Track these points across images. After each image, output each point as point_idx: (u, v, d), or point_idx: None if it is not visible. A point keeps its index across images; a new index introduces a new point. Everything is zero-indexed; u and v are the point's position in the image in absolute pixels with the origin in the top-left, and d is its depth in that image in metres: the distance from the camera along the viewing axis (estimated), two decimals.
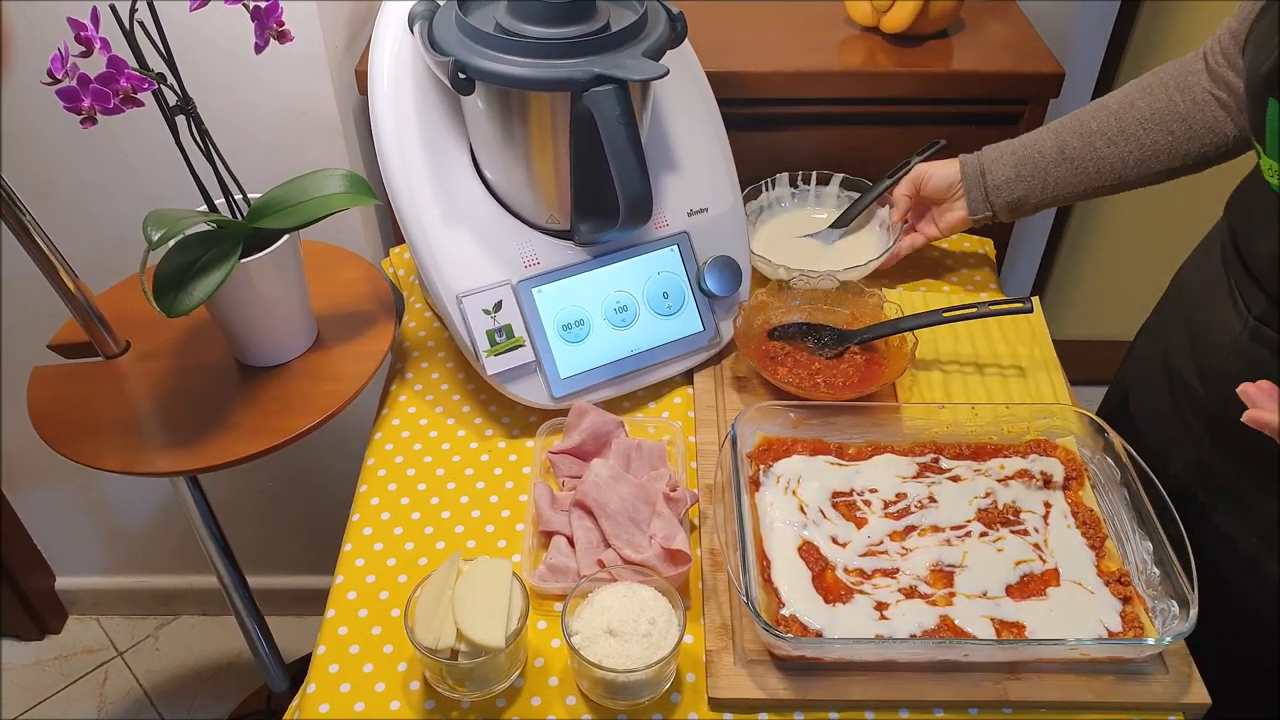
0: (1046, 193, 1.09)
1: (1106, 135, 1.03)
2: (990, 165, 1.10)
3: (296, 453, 1.03)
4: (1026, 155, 1.08)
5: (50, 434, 0.98)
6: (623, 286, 1.05)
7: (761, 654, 0.84)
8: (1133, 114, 1.02)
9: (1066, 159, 1.06)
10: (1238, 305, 0.91)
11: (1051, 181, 1.07)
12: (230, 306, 0.99)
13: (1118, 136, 1.03)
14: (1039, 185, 1.08)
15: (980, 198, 1.12)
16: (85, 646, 1.93)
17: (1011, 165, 1.09)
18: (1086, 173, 1.06)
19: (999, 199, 1.11)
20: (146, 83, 0.81)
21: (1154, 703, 0.81)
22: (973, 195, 1.12)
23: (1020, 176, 1.08)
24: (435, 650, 0.79)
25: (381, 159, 1.00)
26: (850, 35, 1.33)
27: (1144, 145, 1.02)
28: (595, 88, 0.88)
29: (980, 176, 1.11)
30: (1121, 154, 1.03)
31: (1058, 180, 1.07)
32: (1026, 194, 1.09)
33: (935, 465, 0.96)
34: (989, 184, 1.10)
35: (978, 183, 1.11)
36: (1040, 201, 1.10)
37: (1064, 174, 1.06)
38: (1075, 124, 1.06)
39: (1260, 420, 0.72)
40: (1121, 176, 1.05)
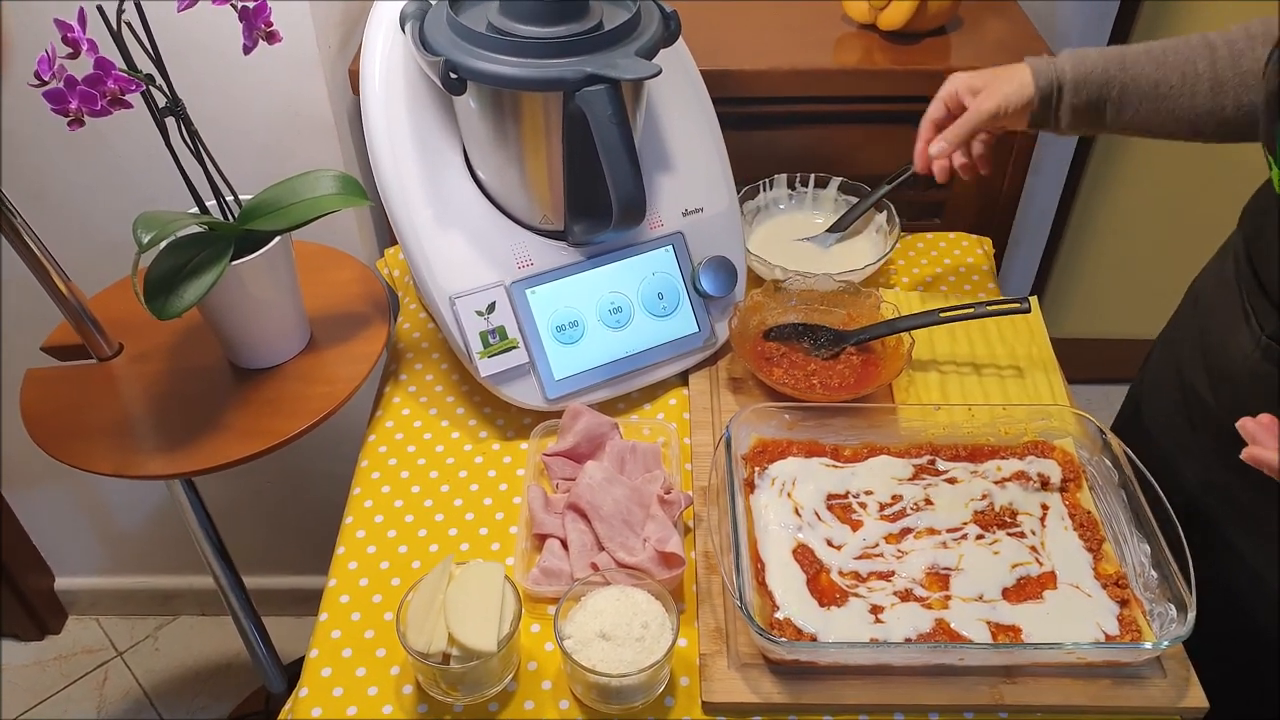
0: (1118, 125, 0.98)
1: (1206, 79, 0.93)
2: (1084, 93, 0.96)
3: (291, 454, 1.03)
4: (1119, 80, 0.95)
5: (43, 437, 0.98)
6: (617, 287, 1.05)
7: (756, 658, 0.83)
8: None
9: (1161, 94, 0.94)
10: (1250, 323, 0.89)
11: (1129, 116, 0.96)
12: (222, 309, 0.98)
13: (1213, 85, 0.93)
14: (1115, 119, 0.96)
15: (1051, 127, 1.00)
16: (85, 647, 1.93)
17: (1099, 93, 0.96)
18: (1175, 113, 0.95)
19: (1067, 127, 0.99)
20: (134, 84, 0.80)
21: (1151, 707, 0.80)
22: (1045, 125, 1.00)
23: (1108, 105, 0.96)
24: (427, 655, 0.78)
25: (373, 160, 1.00)
26: (847, 33, 1.32)
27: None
28: (587, 87, 0.88)
29: (1054, 112, 0.98)
30: (1215, 102, 0.94)
31: (1138, 113, 0.96)
32: (1097, 125, 0.98)
33: (931, 467, 0.96)
34: (1062, 121, 0.98)
35: (1051, 117, 0.98)
36: (1111, 129, 0.99)
37: (1147, 108, 0.95)
38: (1177, 60, 0.94)
39: (1260, 459, 0.70)
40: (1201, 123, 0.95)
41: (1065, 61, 0.96)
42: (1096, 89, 0.95)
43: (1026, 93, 0.97)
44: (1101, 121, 0.97)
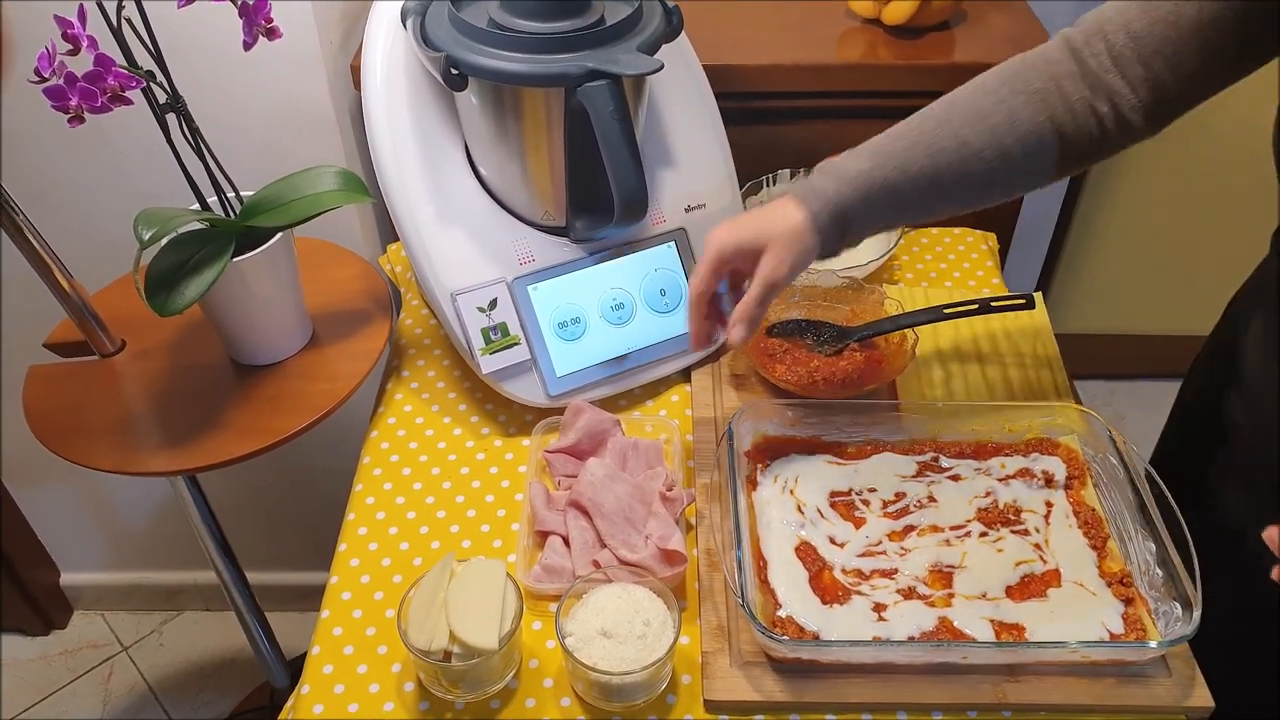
0: (895, 224, 0.89)
1: (986, 160, 0.83)
2: (853, 219, 0.84)
3: (294, 450, 1.02)
4: (892, 196, 0.84)
5: (45, 433, 0.98)
6: (619, 284, 1.04)
7: (758, 655, 0.83)
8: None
9: (940, 190, 0.85)
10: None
11: (907, 217, 0.87)
12: (223, 305, 0.98)
13: (997, 160, 0.83)
14: (892, 221, 0.88)
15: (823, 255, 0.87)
16: (90, 641, 1.93)
17: (865, 219, 0.85)
18: (952, 202, 0.87)
19: (839, 248, 0.87)
20: (134, 81, 0.80)
21: (1156, 706, 0.80)
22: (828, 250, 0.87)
23: (879, 225, 0.87)
24: (428, 652, 0.78)
25: (375, 156, 0.99)
26: (850, 28, 1.32)
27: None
28: (589, 83, 0.87)
29: (830, 241, 0.85)
30: (997, 177, 0.85)
31: (915, 213, 0.87)
32: (870, 232, 0.87)
33: (935, 464, 0.95)
34: (837, 246, 0.86)
35: (821, 244, 0.85)
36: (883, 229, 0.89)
37: (927, 203, 0.86)
38: (955, 145, 0.83)
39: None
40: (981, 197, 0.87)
41: (831, 186, 0.83)
42: (883, 203, 0.84)
43: (810, 243, 0.84)
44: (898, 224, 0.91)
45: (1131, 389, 2.28)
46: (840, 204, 0.83)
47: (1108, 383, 2.29)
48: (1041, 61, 0.82)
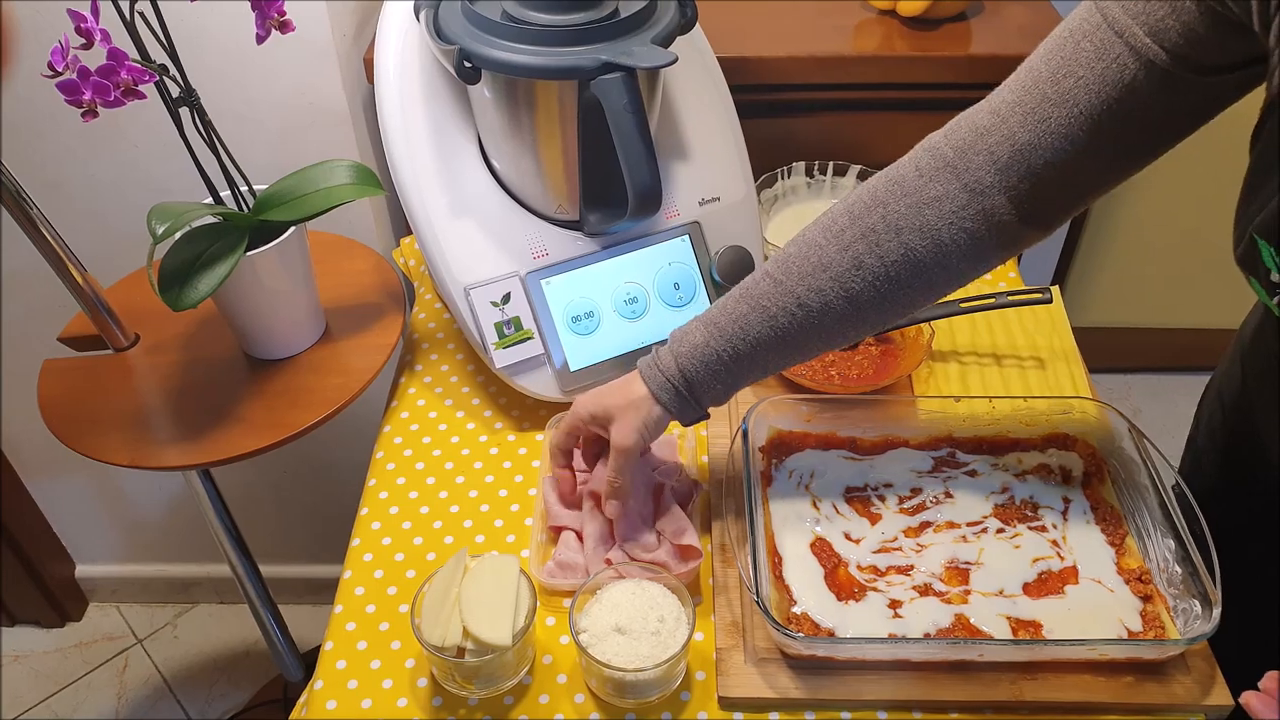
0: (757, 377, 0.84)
1: (831, 307, 0.79)
2: (700, 393, 0.83)
3: (307, 444, 1.02)
4: (742, 363, 0.82)
5: (59, 427, 0.98)
6: (633, 277, 1.04)
7: (772, 652, 0.82)
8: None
9: (788, 345, 0.81)
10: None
11: (767, 370, 0.84)
12: (237, 300, 0.98)
13: (844, 304, 0.79)
14: (751, 379, 0.84)
15: (691, 417, 0.86)
16: (105, 634, 1.94)
17: (723, 382, 0.83)
18: (808, 348, 0.83)
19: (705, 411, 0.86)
20: (147, 75, 0.80)
21: (1175, 704, 0.79)
22: (683, 417, 0.85)
23: (736, 385, 0.84)
24: (442, 648, 0.78)
25: (388, 149, 0.99)
26: (866, 19, 1.31)
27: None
28: (603, 76, 0.87)
29: (690, 407, 0.84)
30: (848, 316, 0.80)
31: (773, 366, 0.84)
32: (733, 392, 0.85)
33: (951, 460, 0.95)
34: (703, 403, 0.84)
35: (685, 409, 0.84)
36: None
37: (782, 358, 0.83)
38: (793, 306, 0.79)
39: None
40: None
41: (670, 361, 0.83)
42: (730, 370, 0.82)
43: (655, 413, 0.84)
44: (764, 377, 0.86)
45: (1149, 382, 2.27)
46: (683, 377, 0.82)
47: (1125, 376, 2.28)
48: (901, 191, 0.76)
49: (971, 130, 0.74)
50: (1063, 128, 0.70)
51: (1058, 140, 0.71)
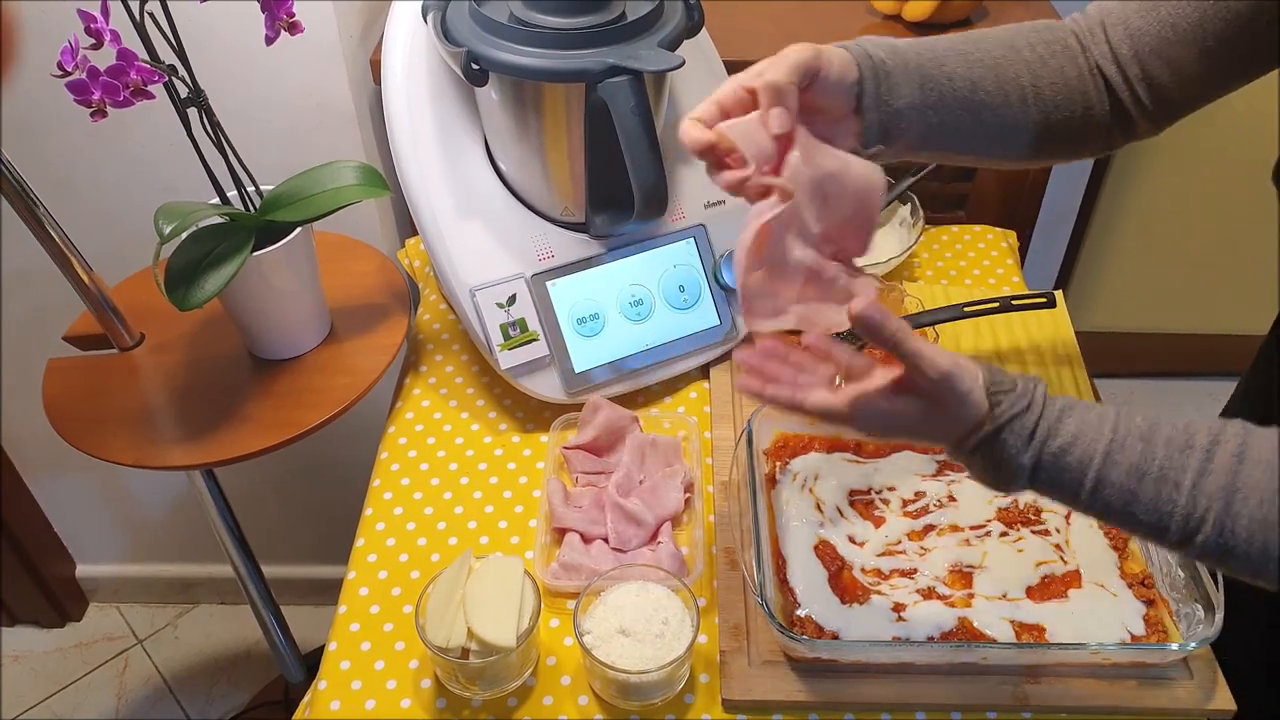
0: (938, 137, 0.77)
1: (1020, 88, 0.77)
2: (894, 73, 0.73)
3: (311, 444, 1.02)
4: (934, 79, 0.75)
5: (64, 426, 0.98)
6: (638, 280, 1.04)
7: (776, 655, 0.83)
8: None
9: (976, 103, 0.76)
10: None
11: (950, 123, 0.76)
12: (243, 299, 0.98)
13: (1030, 93, 0.77)
14: (936, 123, 0.76)
15: (877, 122, 0.74)
16: (106, 634, 1.94)
17: (917, 89, 0.74)
18: (985, 127, 0.78)
19: (898, 131, 0.75)
20: (157, 75, 0.80)
21: (1177, 708, 0.79)
22: (870, 116, 0.74)
23: (926, 105, 0.75)
24: (446, 649, 0.78)
25: (395, 150, 0.99)
26: (872, 24, 1.31)
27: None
28: (610, 79, 0.87)
29: (880, 88, 0.73)
30: (1026, 117, 0.78)
31: (955, 123, 0.76)
32: (924, 132, 0.76)
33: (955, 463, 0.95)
34: (893, 105, 0.74)
35: (877, 100, 0.73)
36: (928, 146, 0.78)
37: (963, 119, 0.76)
38: (990, 60, 0.77)
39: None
40: (1010, 142, 0.80)
41: (869, 50, 0.74)
42: (917, 82, 0.75)
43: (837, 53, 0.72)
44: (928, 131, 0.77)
45: (1151, 387, 2.27)
46: (867, 54, 0.73)
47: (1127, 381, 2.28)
48: (1052, 30, 0.80)
49: (1098, 14, 0.79)
50: (1170, 17, 0.75)
51: (1164, 29, 0.75)
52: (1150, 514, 0.63)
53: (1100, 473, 0.63)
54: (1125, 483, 0.63)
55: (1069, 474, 0.64)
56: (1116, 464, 0.63)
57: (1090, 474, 0.64)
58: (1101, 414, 0.65)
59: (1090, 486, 0.64)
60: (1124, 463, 0.63)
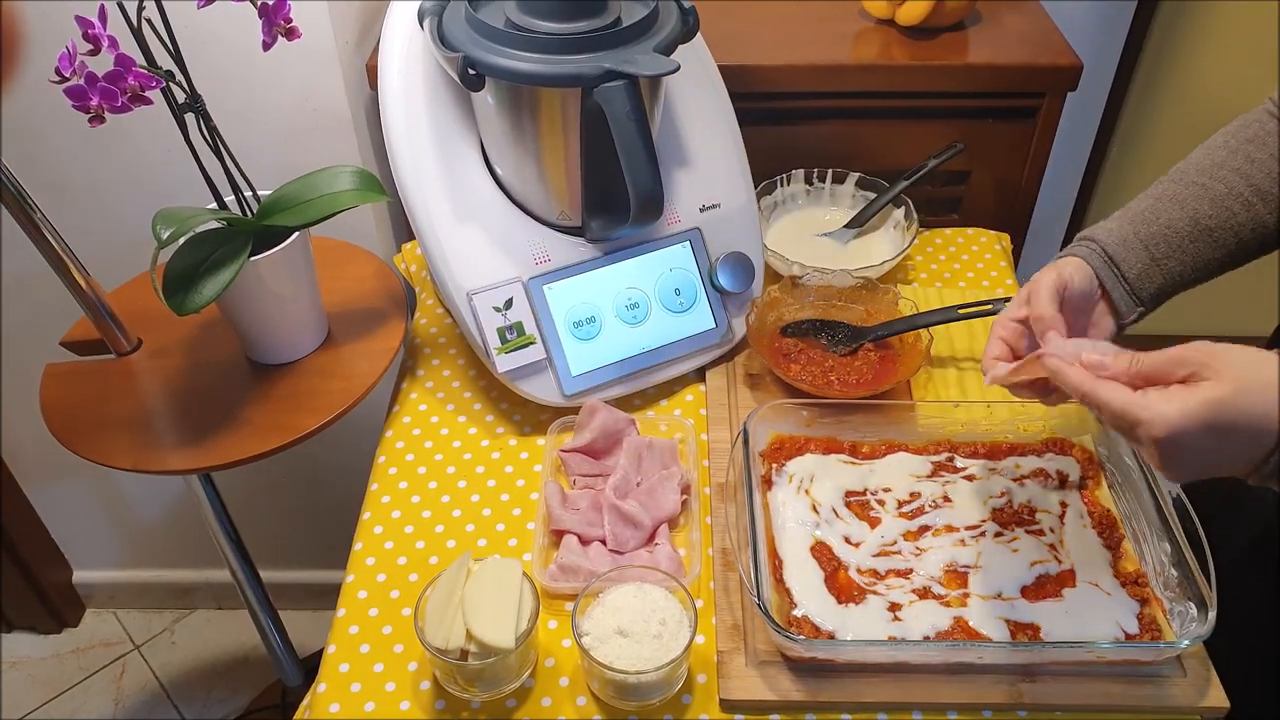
0: (1189, 274, 0.87)
1: (1239, 195, 0.85)
2: (1117, 254, 0.86)
3: (309, 448, 1.03)
4: (1155, 235, 0.86)
5: (62, 431, 0.99)
6: (634, 283, 1.05)
7: (773, 655, 0.83)
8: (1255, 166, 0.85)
9: (1203, 231, 0.85)
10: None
11: (1191, 260, 0.86)
12: (241, 304, 0.98)
13: (1252, 195, 0.84)
14: (1178, 267, 0.86)
15: (1124, 294, 0.87)
16: (102, 640, 1.94)
17: (1144, 254, 0.86)
18: (1228, 246, 0.86)
19: (1145, 291, 0.87)
20: (154, 81, 0.81)
21: (1171, 706, 0.80)
22: (1116, 293, 0.87)
23: (1156, 261, 0.86)
24: (445, 651, 0.78)
25: (392, 155, 1.00)
26: (865, 28, 1.32)
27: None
28: (606, 84, 0.88)
29: (1113, 269, 0.86)
30: (1261, 216, 0.85)
31: (1197, 257, 0.86)
32: (1169, 281, 0.87)
33: (950, 464, 0.95)
34: (1128, 276, 0.87)
35: (1115, 279, 0.87)
36: (1185, 283, 0.88)
37: (1203, 250, 0.86)
38: (1198, 190, 0.86)
39: None
40: (1264, 239, 0.86)
41: (1089, 243, 0.87)
42: (1143, 247, 0.86)
43: (1082, 267, 0.86)
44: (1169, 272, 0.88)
45: None
46: (1103, 251, 0.86)
47: None
48: (1262, 115, 0.86)
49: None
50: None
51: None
52: None
53: None
54: None
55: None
56: None
57: None
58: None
59: None
60: None
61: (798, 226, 1.25)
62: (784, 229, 1.25)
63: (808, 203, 1.27)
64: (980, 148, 1.28)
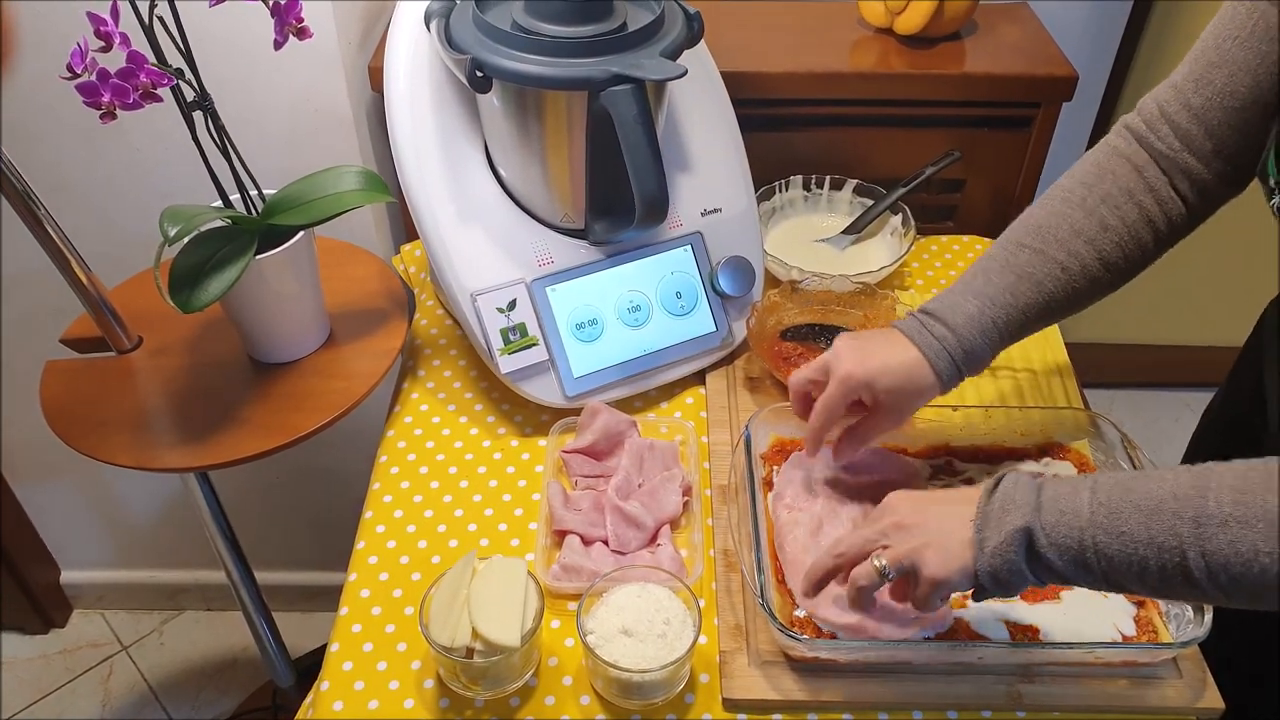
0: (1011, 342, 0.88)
1: (1089, 272, 0.85)
2: (971, 353, 0.86)
3: (307, 448, 1.03)
4: (1011, 321, 0.86)
5: (63, 428, 0.98)
6: (636, 286, 1.05)
7: (776, 655, 0.84)
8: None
9: (1051, 309, 0.86)
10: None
11: (1027, 332, 0.88)
12: (244, 303, 0.98)
13: (1100, 270, 0.86)
14: (1013, 340, 0.88)
15: (955, 379, 0.87)
16: (90, 641, 1.93)
17: (996, 342, 0.86)
18: (1060, 316, 0.88)
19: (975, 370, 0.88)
20: (166, 78, 0.81)
21: (1167, 707, 0.81)
22: (948, 381, 0.87)
23: (1002, 344, 0.87)
24: (451, 649, 0.79)
25: (397, 156, 1.00)
26: (863, 36, 1.33)
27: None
28: (613, 87, 0.88)
29: (957, 369, 0.86)
30: (1103, 286, 0.87)
31: (1032, 329, 0.88)
32: (996, 354, 0.88)
33: (949, 468, 0.96)
34: (971, 369, 0.87)
35: (955, 375, 0.87)
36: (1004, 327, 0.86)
37: (1042, 324, 0.88)
38: (1056, 270, 0.85)
39: None
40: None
41: (948, 331, 0.85)
42: (1000, 336, 0.86)
43: (927, 381, 0.86)
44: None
45: (1131, 398, 2.30)
46: (960, 346, 0.85)
47: (1108, 391, 2.31)
48: (1115, 157, 0.86)
49: (1155, 104, 0.85)
50: (1227, 85, 0.79)
51: (1225, 99, 0.80)
52: None
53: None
54: None
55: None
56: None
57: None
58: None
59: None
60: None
61: (796, 232, 1.26)
62: (782, 234, 1.26)
63: (805, 209, 1.28)
64: (976, 156, 1.30)
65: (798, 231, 1.26)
